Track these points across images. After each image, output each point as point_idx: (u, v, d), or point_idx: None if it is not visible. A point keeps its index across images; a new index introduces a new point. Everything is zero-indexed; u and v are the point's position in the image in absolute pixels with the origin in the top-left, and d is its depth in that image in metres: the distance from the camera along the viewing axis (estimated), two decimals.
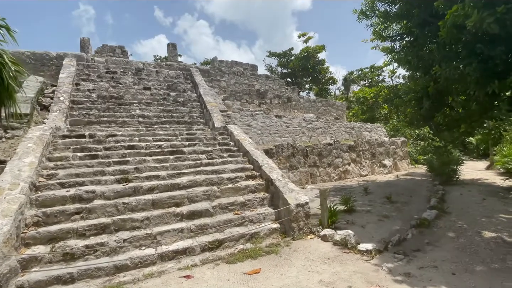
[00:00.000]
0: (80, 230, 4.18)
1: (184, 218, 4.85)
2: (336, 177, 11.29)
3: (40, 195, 4.49)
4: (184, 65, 13.25)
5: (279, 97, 13.57)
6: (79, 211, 4.43)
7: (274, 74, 29.60)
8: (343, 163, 11.57)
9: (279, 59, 28.57)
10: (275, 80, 16.24)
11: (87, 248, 3.97)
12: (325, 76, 25.47)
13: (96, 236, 4.24)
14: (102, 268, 3.81)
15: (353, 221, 5.55)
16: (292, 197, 5.23)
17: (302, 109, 14.37)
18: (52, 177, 5.03)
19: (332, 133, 13.20)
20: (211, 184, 5.67)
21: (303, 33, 25.52)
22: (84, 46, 12.37)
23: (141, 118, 9.41)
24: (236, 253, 4.36)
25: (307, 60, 23.78)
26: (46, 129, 6.22)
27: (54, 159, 5.61)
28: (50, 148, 5.90)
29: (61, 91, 9.00)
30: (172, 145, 7.00)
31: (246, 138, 7.63)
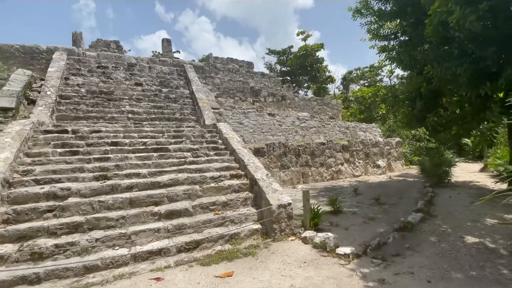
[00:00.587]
0: (51, 228, 4.06)
1: (162, 217, 4.73)
2: (328, 177, 11.17)
3: (12, 191, 4.36)
4: (178, 61, 13.09)
5: (274, 95, 13.42)
6: (52, 209, 4.31)
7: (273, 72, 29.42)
8: (336, 163, 11.45)
9: (279, 57, 28.33)
10: (271, 78, 16.08)
11: (56, 247, 3.85)
12: (323, 74, 25.27)
13: (68, 235, 4.12)
14: (70, 268, 3.69)
15: (337, 223, 5.44)
16: (274, 197, 5.11)
17: (297, 108, 14.22)
18: (28, 173, 4.91)
19: (326, 132, 13.07)
20: (193, 183, 5.55)
21: (302, 31, 25.27)
22: (76, 40, 12.21)
23: (130, 114, 9.29)
24: (213, 255, 4.25)
25: (305, 58, 23.56)
26: (27, 124, 6.09)
27: (32, 155, 5.49)
28: (30, 143, 5.77)
29: (48, 85, 8.86)
30: (157, 142, 6.88)
31: (235, 136, 7.51)
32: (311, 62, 23.28)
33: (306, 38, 25.14)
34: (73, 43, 12.16)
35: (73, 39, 12.19)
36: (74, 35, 12.17)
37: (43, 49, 10.91)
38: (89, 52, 11.97)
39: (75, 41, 12.18)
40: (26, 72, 9.48)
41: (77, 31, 12.11)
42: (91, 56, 11.73)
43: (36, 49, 10.81)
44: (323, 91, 27.23)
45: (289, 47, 27.28)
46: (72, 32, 12.02)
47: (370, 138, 13.05)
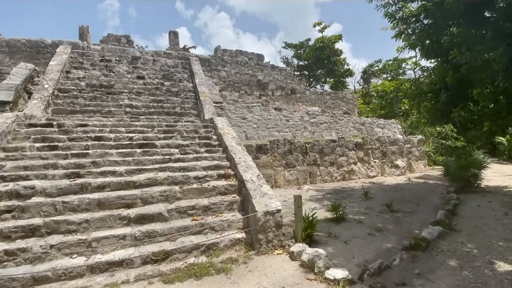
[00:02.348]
0: (5, 231, 3.66)
1: (132, 222, 4.20)
2: (339, 177, 10.25)
3: None
4: (183, 54, 12.65)
5: (282, 88, 12.60)
6: (10, 209, 3.92)
7: (289, 66, 28.42)
8: (348, 162, 10.48)
9: (295, 51, 27.26)
10: (282, 70, 15.22)
11: (6, 254, 3.44)
12: (341, 68, 23.90)
13: (23, 239, 3.70)
14: (17, 278, 3.25)
15: (337, 234, 4.65)
16: (262, 202, 4.43)
17: (307, 102, 13.31)
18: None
19: (339, 128, 12.08)
20: (174, 183, 4.99)
21: (319, 21, 23.99)
22: (83, 34, 12.11)
23: (128, 108, 8.94)
24: (182, 269, 3.66)
25: (322, 51, 22.35)
26: (10, 117, 5.83)
27: (8, 149, 5.19)
28: (9, 137, 5.48)
29: (47, 78, 8.70)
30: (145, 137, 6.40)
31: (230, 132, 6.87)
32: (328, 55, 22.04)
33: (323, 29, 23.88)
34: (79, 36, 12.07)
35: (79, 32, 12.11)
36: (80, 29, 12.08)
37: (48, 43, 10.87)
38: (94, 45, 11.82)
39: (81, 34, 12.08)
40: (28, 65, 9.39)
41: (83, 25, 12.00)
42: (95, 50, 11.56)
43: (41, 43, 10.78)
44: (341, 85, 25.86)
45: (306, 40, 26.14)
46: (79, 25, 11.94)
47: (388, 135, 11.88)
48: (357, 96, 16.82)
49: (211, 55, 13.81)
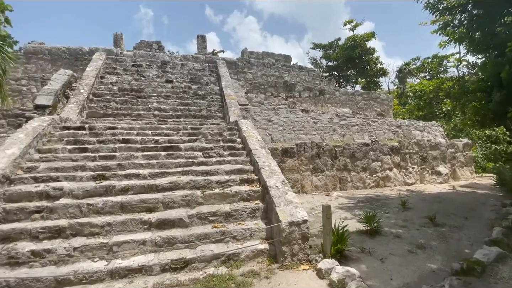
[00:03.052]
0: (33, 232, 3.75)
1: (153, 227, 4.12)
2: (372, 184, 9.55)
3: (8, 189, 4.21)
4: (210, 57, 12.74)
5: (310, 89, 12.12)
6: (40, 209, 4.03)
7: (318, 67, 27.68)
8: (382, 167, 9.74)
9: (325, 51, 26.46)
10: (310, 71, 14.72)
11: (32, 254, 3.50)
12: (374, 67, 22.67)
13: (50, 240, 3.76)
14: (41, 279, 3.28)
15: (371, 250, 4.17)
16: (286, 211, 4.11)
17: (337, 103, 12.67)
18: (32, 170, 4.78)
19: (372, 131, 11.31)
20: (196, 187, 4.85)
21: (350, 20, 23.03)
22: (117, 41, 12.71)
23: (156, 112, 9.10)
24: (201, 280, 3.46)
25: (353, 50, 21.36)
26: (46, 120, 6.13)
27: (43, 151, 5.42)
28: (44, 139, 5.75)
29: (83, 83, 9.16)
30: (170, 140, 6.39)
31: (255, 134, 6.63)
32: (359, 54, 21.01)
33: (354, 27, 22.87)
34: (114, 44, 12.71)
35: (114, 40, 12.74)
36: (115, 36, 12.71)
37: (86, 51, 11.54)
38: (126, 52, 12.34)
39: (115, 42, 12.71)
40: (67, 72, 9.99)
41: (117, 32, 12.61)
42: (127, 56, 12.05)
43: (79, 51, 11.48)
44: (374, 85, 24.52)
45: (336, 39, 25.25)
46: (113, 33, 12.57)
47: (428, 139, 10.88)
48: (392, 97, 15.75)
49: (238, 58, 13.78)
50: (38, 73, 10.28)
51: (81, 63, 11.37)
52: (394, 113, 17.64)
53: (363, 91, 17.03)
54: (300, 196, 8.19)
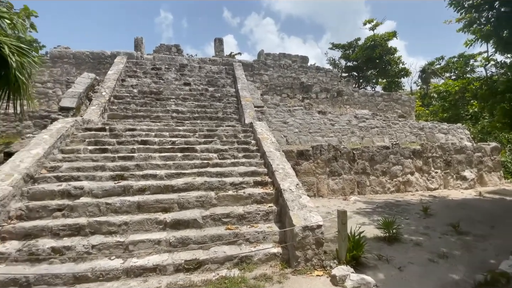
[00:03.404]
0: (54, 229, 3.91)
1: (168, 227, 4.18)
2: (392, 189, 9.21)
3: (32, 187, 4.43)
4: (227, 60, 12.86)
5: (327, 90, 11.91)
6: (61, 208, 4.20)
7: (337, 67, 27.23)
8: (403, 171, 9.37)
9: (343, 51, 25.98)
10: (327, 72, 14.48)
11: (53, 250, 3.65)
12: (395, 67, 21.94)
13: (70, 237, 3.91)
14: (60, 276, 3.40)
15: (388, 258, 4.00)
16: (300, 215, 4.03)
17: (356, 105, 12.36)
18: (55, 170, 5.00)
19: (393, 134, 10.93)
20: (210, 188, 4.88)
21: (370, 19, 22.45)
22: (137, 44, 13.14)
23: (174, 113, 9.29)
24: (213, 281, 3.46)
25: (373, 50, 20.80)
26: (69, 122, 6.41)
27: (66, 151, 5.67)
28: (68, 140, 6.02)
29: (105, 86, 9.53)
30: (186, 141, 6.50)
31: (269, 136, 6.59)
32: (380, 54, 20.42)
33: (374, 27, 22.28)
34: (134, 47, 13.14)
35: (135, 44, 13.18)
36: (135, 40, 13.14)
37: (108, 54, 12.01)
38: (146, 55, 12.71)
39: (136, 45, 13.14)
40: (90, 75, 10.43)
41: (138, 36, 13.03)
42: (147, 59, 12.41)
43: (102, 55, 11.97)
44: (396, 86, 23.74)
45: (356, 39, 24.71)
46: (134, 37, 13.00)
47: (453, 142, 10.35)
48: (414, 98, 15.15)
49: (255, 59, 13.82)
50: (63, 76, 10.82)
51: (103, 66, 11.84)
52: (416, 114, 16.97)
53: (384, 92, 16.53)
54: (316, 200, 8.05)
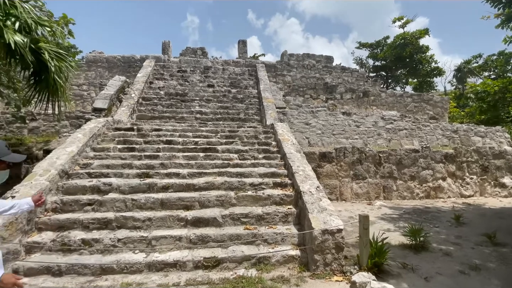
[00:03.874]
0: (85, 222, 4.18)
1: (188, 224, 4.30)
2: (421, 194, 8.72)
3: (66, 182, 4.77)
4: (250, 61, 12.96)
5: (353, 91, 11.56)
6: (91, 202, 4.48)
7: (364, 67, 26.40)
8: (434, 176, 8.83)
9: (371, 50, 25.12)
10: (353, 72, 14.06)
11: (83, 242, 3.90)
12: (427, 66, 20.78)
13: (99, 230, 4.16)
14: (88, 266, 3.63)
15: (414, 267, 3.79)
16: (319, 219, 3.96)
17: (383, 106, 11.87)
18: (87, 167, 5.35)
19: (423, 136, 10.35)
20: (230, 188, 4.95)
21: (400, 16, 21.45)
22: (165, 48, 13.67)
23: (198, 115, 9.54)
24: (231, 280, 3.50)
25: (403, 48, 19.85)
26: (101, 122, 6.82)
27: (97, 150, 6.04)
28: (99, 139, 6.40)
29: (134, 88, 10.02)
30: (208, 142, 6.64)
31: (290, 138, 6.54)
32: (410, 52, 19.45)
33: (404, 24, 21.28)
34: (162, 51, 13.69)
35: (162, 47, 13.72)
36: (163, 44, 13.68)
37: (137, 58, 12.62)
38: (173, 58, 13.17)
39: (164, 49, 13.68)
40: (121, 78, 11.01)
41: (165, 40, 13.56)
42: (174, 62, 12.86)
43: (132, 58, 12.60)
44: (428, 85, 22.48)
45: (384, 38, 23.78)
46: (162, 41, 13.56)
47: (491, 146, 9.58)
48: (447, 98, 14.23)
49: (278, 60, 13.79)
50: (97, 79, 11.54)
51: (133, 69, 12.46)
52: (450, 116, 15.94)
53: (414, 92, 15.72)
54: (339, 203, 7.84)
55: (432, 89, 22.66)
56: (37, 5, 4.96)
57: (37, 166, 4.75)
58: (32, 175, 4.49)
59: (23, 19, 4.24)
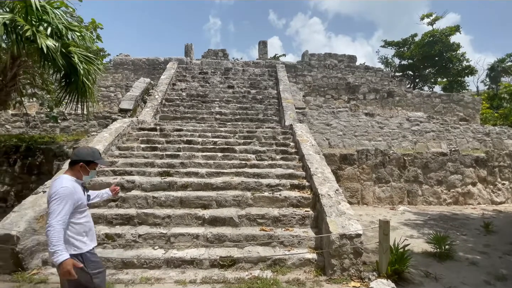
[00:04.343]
0: (109, 217, 4.38)
1: (206, 223, 4.37)
2: (449, 200, 8.26)
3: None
4: (270, 62, 12.96)
5: (377, 91, 11.17)
6: (115, 199, 4.68)
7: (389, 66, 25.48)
8: (463, 182, 8.34)
9: (397, 49, 24.16)
10: (377, 71, 13.59)
11: (106, 236, 4.09)
12: (458, 65, 19.62)
13: (121, 226, 4.34)
14: (111, 259, 3.79)
15: (437, 276, 3.60)
16: (338, 223, 3.87)
17: (409, 106, 11.36)
18: (112, 164, 5.60)
19: (452, 139, 9.80)
20: (247, 189, 4.97)
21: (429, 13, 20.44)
22: (187, 51, 14.02)
23: (218, 115, 9.68)
24: (246, 280, 3.51)
25: (432, 46, 18.88)
26: (126, 122, 7.12)
27: (122, 148, 6.31)
28: (124, 138, 6.69)
29: (157, 90, 10.37)
30: (227, 142, 6.72)
31: (309, 139, 6.45)
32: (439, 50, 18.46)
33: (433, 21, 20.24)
34: (184, 53, 14.05)
35: (185, 50, 14.09)
36: (186, 47, 14.05)
37: (161, 61, 13.04)
38: (195, 60, 13.47)
39: (186, 52, 14.04)
40: (146, 80, 11.44)
41: (188, 43, 13.91)
42: (195, 64, 13.15)
43: (156, 61, 13.04)
44: (459, 85, 21.22)
45: (412, 36, 22.75)
46: (184, 44, 13.91)
47: None
48: (479, 99, 13.35)
49: (298, 60, 13.66)
50: (123, 81, 12.07)
51: (157, 72, 12.90)
52: (482, 118, 14.94)
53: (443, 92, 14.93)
54: (360, 207, 7.63)
55: (463, 89, 21.37)
56: (68, 11, 5.27)
57: (66, 163, 5.04)
58: (61, 172, 4.77)
59: (54, 25, 4.53)
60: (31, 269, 3.60)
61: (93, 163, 2.31)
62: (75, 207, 2.13)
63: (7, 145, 7.08)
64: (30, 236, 3.65)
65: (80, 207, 2.18)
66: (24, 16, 4.52)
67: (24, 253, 3.53)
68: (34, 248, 3.69)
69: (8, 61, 5.01)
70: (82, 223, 2.21)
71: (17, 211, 3.93)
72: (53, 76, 6.01)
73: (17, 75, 5.42)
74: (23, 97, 6.44)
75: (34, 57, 5.05)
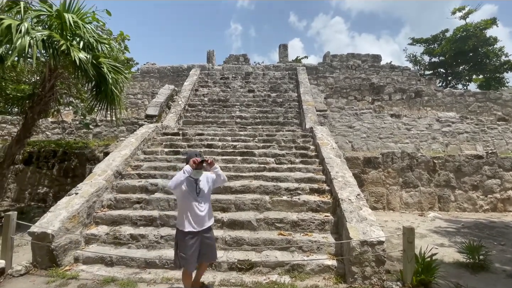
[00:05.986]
0: (133, 219, 4.58)
1: (225, 226, 4.43)
2: (486, 207, 7.65)
3: (120, 182, 5.30)
4: (290, 65, 12.89)
5: (403, 91, 10.66)
6: (140, 201, 4.90)
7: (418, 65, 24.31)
8: (502, 187, 7.69)
9: (427, 46, 22.99)
10: (404, 70, 12.98)
11: (131, 237, 4.28)
12: (496, 60, 18.19)
13: (145, 227, 4.52)
14: (135, 259, 3.97)
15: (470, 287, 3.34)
16: (358, 229, 3.73)
17: (439, 106, 10.71)
18: (138, 168, 5.88)
19: (489, 140, 9.09)
20: (265, 192, 4.96)
21: (461, 6, 19.21)
22: (209, 57, 14.38)
23: (238, 119, 9.79)
24: (263, 285, 3.51)
25: (465, 41, 17.70)
26: (151, 127, 7.44)
27: (147, 153, 6.60)
28: (149, 143, 6.99)
29: (181, 96, 10.73)
30: (246, 146, 6.77)
31: (330, 142, 6.31)
32: (474, 45, 17.26)
33: (466, 15, 18.99)
34: (207, 60, 14.43)
35: (207, 56, 14.47)
36: (208, 53, 14.42)
37: (185, 68, 13.49)
38: (217, 66, 13.78)
39: (208, 58, 14.40)
40: (170, 87, 11.89)
41: (210, 49, 14.28)
42: (217, 70, 13.44)
43: (180, 68, 13.52)
44: (497, 82, 19.66)
45: (443, 31, 21.56)
46: (206, 50, 14.31)
47: None
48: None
49: (320, 62, 13.46)
50: (150, 88, 12.64)
51: (181, 78, 13.36)
52: None
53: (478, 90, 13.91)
54: (385, 213, 7.31)
55: (502, 86, 19.76)
56: (99, 25, 5.66)
57: (97, 167, 5.37)
58: (92, 175, 5.10)
59: (86, 39, 4.88)
60: (64, 265, 3.87)
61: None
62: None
63: (46, 150, 7.71)
64: (63, 235, 3.92)
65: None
66: (60, 32, 4.92)
67: (58, 250, 3.80)
68: (67, 246, 3.96)
69: (47, 73, 5.48)
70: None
71: (52, 211, 4.24)
72: (86, 86, 6.47)
73: (54, 86, 5.90)
74: (60, 105, 7.00)
75: (69, 68, 5.48)
